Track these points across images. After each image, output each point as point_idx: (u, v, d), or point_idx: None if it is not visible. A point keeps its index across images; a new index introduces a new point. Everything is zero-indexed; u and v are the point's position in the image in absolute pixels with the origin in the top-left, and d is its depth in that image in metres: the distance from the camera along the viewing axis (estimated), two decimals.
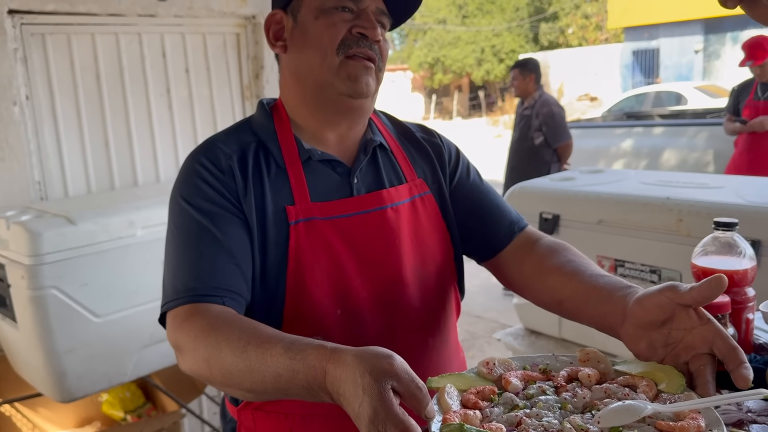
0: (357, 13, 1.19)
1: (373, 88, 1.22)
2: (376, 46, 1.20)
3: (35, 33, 2.81)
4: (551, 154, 5.33)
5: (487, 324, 5.29)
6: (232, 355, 0.94)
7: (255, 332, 0.95)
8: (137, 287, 2.34)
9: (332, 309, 1.17)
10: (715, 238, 1.41)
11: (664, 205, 2.30)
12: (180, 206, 1.17)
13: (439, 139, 1.43)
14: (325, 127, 1.25)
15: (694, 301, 0.96)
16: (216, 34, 3.37)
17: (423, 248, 1.28)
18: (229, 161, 1.19)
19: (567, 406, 0.89)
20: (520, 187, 2.90)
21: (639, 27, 19.93)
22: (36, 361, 2.25)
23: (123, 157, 3.11)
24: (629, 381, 0.95)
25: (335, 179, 1.24)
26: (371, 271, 1.21)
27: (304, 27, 1.21)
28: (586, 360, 1.00)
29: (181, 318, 1.05)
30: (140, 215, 2.37)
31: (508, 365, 0.99)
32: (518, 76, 5.40)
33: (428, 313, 1.29)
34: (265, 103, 1.32)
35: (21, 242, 2.14)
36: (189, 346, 1.01)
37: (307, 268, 1.15)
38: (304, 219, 1.17)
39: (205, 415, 3.25)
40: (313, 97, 1.23)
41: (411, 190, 1.30)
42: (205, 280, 1.08)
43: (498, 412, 0.87)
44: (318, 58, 1.19)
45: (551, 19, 29.75)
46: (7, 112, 2.71)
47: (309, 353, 0.86)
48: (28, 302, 2.15)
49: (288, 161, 1.21)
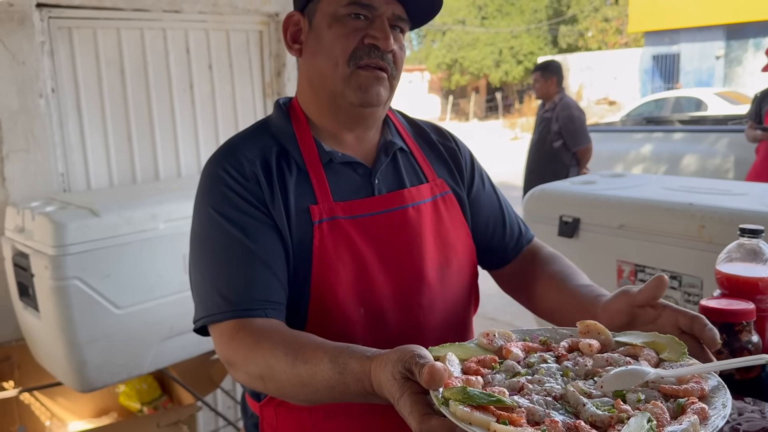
0: (371, 19, 1.18)
1: (384, 98, 1.22)
2: (389, 55, 1.19)
3: (62, 27, 2.84)
4: (570, 158, 5.29)
5: (501, 326, 5.25)
6: (283, 372, 0.98)
7: (299, 347, 0.99)
8: (158, 280, 2.36)
9: (355, 307, 1.18)
10: (741, 245, 1.40)
11: (686, 211, 2.29)
12: (210, 216, 1.16)
13: (455, 143, 1.44)
14: (341, 129, 1.26)
15: (645, 302, 1.06)
16: (239, 31, 3.39)
17: (446, 247, 1.29)
18: (252, 167, 1.19)
19: (569, 373, 0.89)
20: (541, 189, 2.89)
21: (660, 31, 19.79)
22: (57, 351, 2.27)
23: (145, 151, 3.13)
24: (630, 351, 0.95)
25: (357, 180, 1.25)
26: (394, 270, 1.22)
27: (318, 33, 1.21)
28: (586, 332, 0.99)
29: (227, 335, 1.09)
30: (162, 209, 2.39)
31: (508, 337, 0.99)
32: (540, 78, 5.38)
33: (450, 311, 1.30)
34: (281, 104, 1.32)
35: (45, 233, 2.17)
36: (240, 363, 1.06)
37: (331, 266, 1.16)
38: (328, 218, 1.18)
39: (219, 408, 3.27)
40: (327, 104, 1.24)
41: (432, 190, 1.31)
42: (245, 293, 1.10)
43: (500, 379, 0.87)
44: (330, 67, 1.19)
45: (570, 21, 29.60)
46: (33, 104, 2.74)
47: (353, 366, 0.90)
48: (51, 292, 2.18)
49: (308, 163, 1.22)
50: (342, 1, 1.17)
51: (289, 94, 3.48)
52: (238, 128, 3.42)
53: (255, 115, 3.51)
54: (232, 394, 3.29)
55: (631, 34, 24.76)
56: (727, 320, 1.23)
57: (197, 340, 2.48)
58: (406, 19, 1.22)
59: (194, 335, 1.20)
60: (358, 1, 1.16)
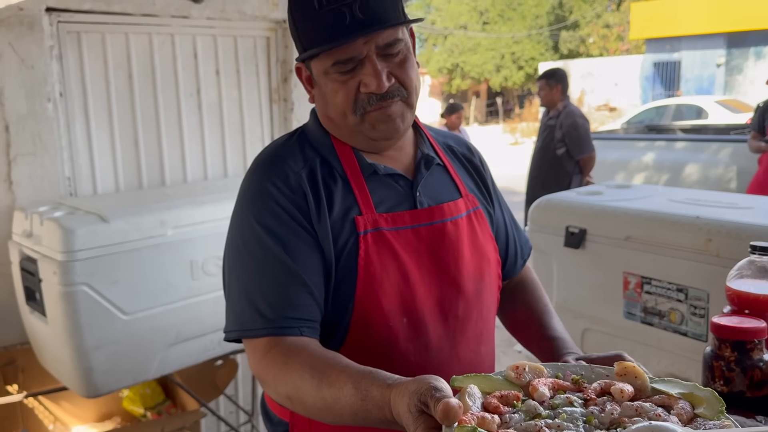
0: (360, 63, 1.16)
1: (405, 123, 1.23)
2: (393, 88, 1.18)
3: (71, 31, 2.84)
4: (573, 166, 5.30)
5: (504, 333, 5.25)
6: (309, 395, 1.01)
7: (325, 369, 1.01)
8: (166, 286, 2.36)
9: (399, 317, 1.19)
10: (752, 261, 1.40)
11: (693, 224, 2.29)
12: (252, 229, 1.17)
13: (480, 161, 1.47)
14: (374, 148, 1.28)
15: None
16: (247, 37, 3.39)
17: (481, 261, 1.32)
18: (298, 179, 1.19)
19: (592, 420, 0.84)
20: (547, 200, 2.89)
21: (661, 39, 19.82)
22: (63, 356, 2.27)
23: (152, 155, 3.14)
24: (665, 401, 0.90)
25: (399, 192, 1.26)
26: (434, 283, 1.24)
27: (320, 87, 1.23)
28: (623, 374, 0.95)
29: (261, 352, 1.11)
30: (171, 215, 2.39)
31: (539, 372, 0.95)
32: (545, 86, 5.39)
33: (482, 323, 1.33)
34: (317, 114, 1.32)
35: (54, 238, 2.17)
36: (270, 381, 1.09)
37: (376, 277, 1.17)
38: (372, 229, 1.19)
39: (222, 414, 3.27)
40: (349, 137, 1.25)
41: (467, 205, 1.34)
42: (281, 311, 1.12)
43: (518, 419, 0.83)
44: (340, 118, 1.21)
45: (572, 27, 29.64)
46: (41, 108, 2.74)
47: (374, 393, 0.91)
48: (58, 298, 2.18)
49: (350, 174, 1.23)
50: (326, 62, 1.17)
51: (295, 100, 3.49)
52: (245, 134, 3.43)
53: (261, 120, 3.51)
54: (235, 400, 3.29)
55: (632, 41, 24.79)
56: (739, 338, 1.22)
57: (202, 347, 2.48)
58: (394, 40, 1.18)
59: (200, 342, 1.23)
60: (338, 60, 1.16)
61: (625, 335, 2.53)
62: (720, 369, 1.23)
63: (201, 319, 2.42)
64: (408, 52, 1.22)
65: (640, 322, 2.47)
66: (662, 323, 2.39)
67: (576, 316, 2.74)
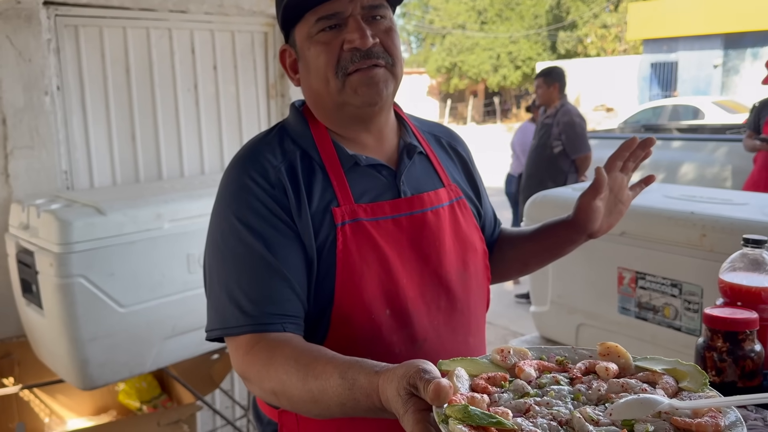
0: (344, 24, 1.16)
1: (388, 90, 1.21)
2: (377, 48, 1.17)
3: (69, 24, 2.85)
4: (569, 165, 5.31)
5: (498, 330, 5.29)
6: (295, 388, 0.99)
7: (310, 362, 0.99)
8: (162, 279, 2.37)
9: (381, 309, 1.18)
10: (744, 254, 1.41)
11: (688, 220, 2.30)
12: (232, 225, 1.15)
13: (462, 146, 1.47)
14: (359, 134, 1.26)
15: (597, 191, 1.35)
16: (245, 32, 3.40)
17: (464, 251, 1.31)
18: (278, 174, 1.18)
19: (580, 397, 0.86)
20: (542, 196, 2.90)
21: (658, 39, 19.85)
22: (59, 348, 2.28)
23: (149, 150, 3.14)
24: (649, 377, 0.91)
25: (383, 182, 1.25)
26: (416, 273, 1.23)
27: (304, 58, 1.21)
28: (606, 354, 0.96)
29: (243, 349, 1.09)
30: (167, 208, 2.40)
31: (523, 354, 0.96)
32: (542, 84, 5.40)
33: (469, 314, 1.32)
34: (297, 107, 1.31)
35: (51, 230, 2.17)
36: (255, 378, 1.07)
37: (356, 268, 1.16)
38: (350, 220, 1.18)
39: (218, 407, 3.28)
40: (335, 116, 1.24)
41: (449, 194, 1.32)
42: (263, 307, 1.10)
43: (507, 398, 0.84)
44: (322, 85, 1.19)
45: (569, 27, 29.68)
46: (39, 101, 2.75)
47: (362, 381, 0.90)
48: (55, 290, 2.18)
49: (329, 166, 1.21)
50: (310, 21, 1.16)
51: (293, 95, 3.49)
52: (242, 129, 3.43)
53: (259, 116, 3.51)
54: (231, 394, 3.29)
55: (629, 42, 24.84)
56: (731, 329, 1.24)
57: (198, 340, 2.48)
58: (379, 4, 1.18)
59: (196, 335, 1.22)
60: (322, 15, 1.15)
61: (619, 330, 2.54)
62: (712, 360, 1.24)
63: (197, 312, 2.42)
64: (393, 25, 1.22)
65: (634, 317, 2.48)
66: (656, 318, 2.40)
67: (570, 312, 2.75)
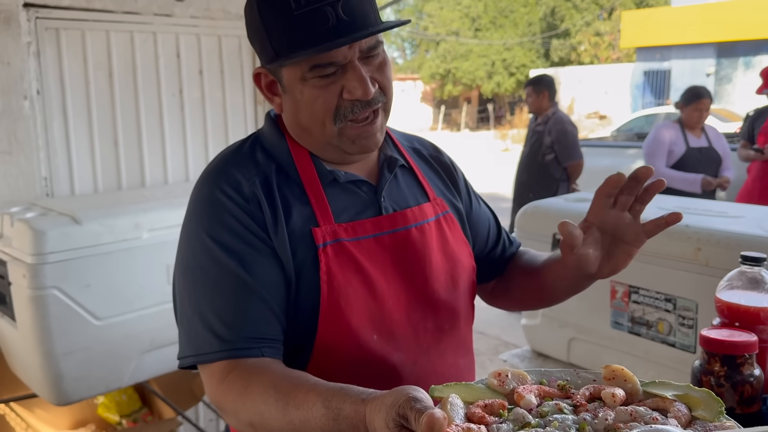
0: (342, 68, 1.07)
1: (382, 133, 1.16)
2: (377, 92, 1.10)
3: (49, 27, 2.78)
4: (561, 172, 5.29)
5: (490, 341, 5.23)
6: (274, 419, 0.93)
7: (290, 390, 0.93)
8: (140, 291, 2.30)
9: (369, 335, 1.11)
10: (742, 272, 1.36)
11: (682, 233, 2.25)
12: (203, 243, 1.08)
13: (447, 158, 1.40)
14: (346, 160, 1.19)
15: (570, 247, 1.12)
16: (231, 36, 3.34)
17: (453, 268, 1.24)
18: (252, 187, 1.10)
19: (585, 427, 0.80)
20: (534, 206, 2.85)
21: (651, 48, 19.97)
22: (33, 362, 2.21)
23: (132, 156, 3.07)
24: (659, 404, 0.86)
25: (363, 199, 1.18)
26: (402, 294, 1.16)
27: (292, 93, 1.11)
28: (611, 378, 0.91)
29: (217, 377, 1.02)
30: (147, 217, 2.33)
31: (522, 378, 0.90)
32: (532, 92, 5.38)
33: (459, 334, 1.26)
34: (273, 117, 1.22)
35: (24, 240, 2.10)
36: (231, 409, 1.00)
37: (341, 293, 1.09)
38: (332, 241, 1.10)
39: (201, 422, 3.20)
40: (322, 148, 1.16)
41: (435, 209, 1.26)
42: (240, 331, 1.03)
43: (506, 429, 0.79)
44: (317, 126, 1.11)
45: (563, 35, 29.81)
46: (17, 105, 2.68)
47: (347, 411, 0.84)
48: (28, 302, 2.11)
49: (306, 182, 1.14)
50: (304, 66, 1.06)
51: None
52: (228, 135, 3.37)
53: (245, 122, 3.45)
54: (214, 408, 3.22)
55: (623, 50, 24.95)
56: (729, 352, 1.18)
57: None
58: (375, 43, 1.10)
59: (175, 348, 1.14)
60: (318, 64, 1.06)
61: (612, 345, 2.49)
62: (709, 384, 1.19)
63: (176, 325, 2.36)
64: (385, 54, 1.15)
65: (627, 332, 2.43)
66: (650, 333, 2.34)
67: (562, 326, 2.69)
